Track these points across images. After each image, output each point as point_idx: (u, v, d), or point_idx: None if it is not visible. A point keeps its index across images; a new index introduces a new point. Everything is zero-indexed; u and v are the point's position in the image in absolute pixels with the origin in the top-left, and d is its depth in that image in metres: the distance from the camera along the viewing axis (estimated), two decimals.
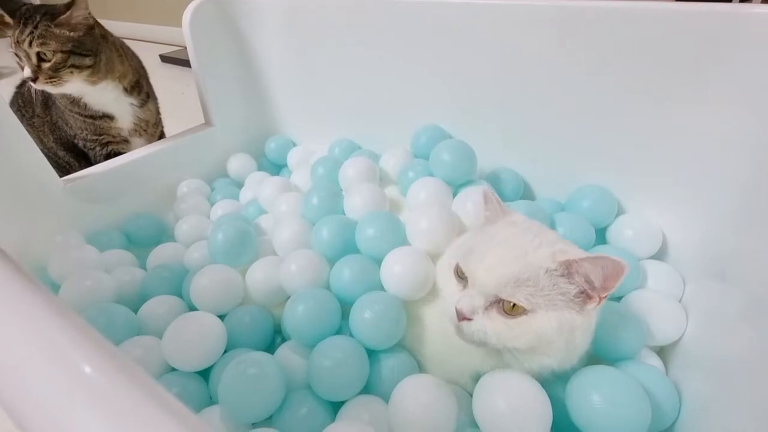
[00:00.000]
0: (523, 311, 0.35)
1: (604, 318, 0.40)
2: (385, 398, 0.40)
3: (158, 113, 0.88)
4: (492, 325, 0.36)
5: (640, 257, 0.53)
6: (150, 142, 0.83)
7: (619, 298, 0.50)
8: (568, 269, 0.36)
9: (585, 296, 0.36)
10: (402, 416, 0.37)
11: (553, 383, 0.40)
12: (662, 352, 0.48)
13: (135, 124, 0.82)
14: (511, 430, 0.34)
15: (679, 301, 0.49)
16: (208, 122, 0.83)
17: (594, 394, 0.36)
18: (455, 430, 0.37)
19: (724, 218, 0.48)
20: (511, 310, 0.36)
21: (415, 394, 0.38)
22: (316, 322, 0.44)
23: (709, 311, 0.45)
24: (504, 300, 0.36)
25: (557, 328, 0.35)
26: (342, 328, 0.47)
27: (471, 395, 0.40)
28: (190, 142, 0.79)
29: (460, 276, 0.39)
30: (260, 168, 0.84)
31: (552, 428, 0.38)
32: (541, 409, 0.35)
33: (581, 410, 0.36)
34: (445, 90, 0.68)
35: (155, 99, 0.87)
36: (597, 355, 0.43)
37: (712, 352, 0.42)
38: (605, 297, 0.36)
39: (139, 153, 0.74)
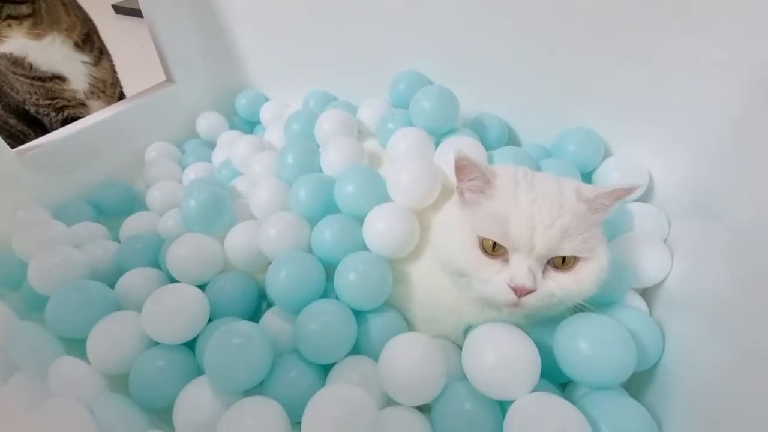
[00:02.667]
0: (576, 259, 0.35)
1: None
2: (375, 358, 0.39)
3: (114, 72, 0.80)
4: (558, 285, 0.34)
5: (627, 200, 0.52)
6: (109, 104, 0.76)
7: None
8: (592, 206, 0.35)
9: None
10: (392, 375, 0.36)
11: (541, 331, 0.40)
12: (646, 292, 0.48)
13: (90, 84, 0.75)
14: (501, 382, 0.34)
15: (665, 241, 0.48)
16: (169, 79, 0.76)
17: (581, 341, 0.35)
18: (446, 384, 0.37)
19: (709, 156, 0.46)
20: (562, 264, 0.35)
21: (405, 352, 0.37)
22: (299, 287, 0.43)
23: (693, 251, 0.45)
24: (554, 256, 0.34)
25: (610, 260, 0.35)
26: (327, 290, 0.45)
27: (461, 348, 0.39)
28: (152, 102, 0.73)
29: (492, 252, 0.35)
30: (232, 126, 0.79)
31: (540, 376, 0.38)
32: (530, 361, 0.35)
33: (569, 358, 0.36)
34: (424, 34, 0.62)
35: (109, 55, 0.79)
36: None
37: (695, 292, 0.42)
38: None
39: (98, 116, 0.68)
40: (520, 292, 0.34)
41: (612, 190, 0.35)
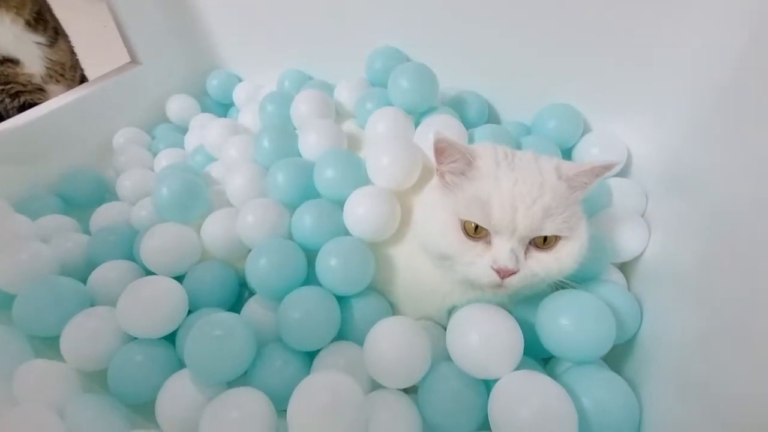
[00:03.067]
0: (557, 238, 0.35)
1: None
2: (360, 343, 0.39)
3: (73, 53, 0.75)
4: (539, 265, 0.34)
5: (606, 176, 0.52)
6: (70, 88, 0.71)
7: None
8: (572, 184, 0.35)
9: None
10: (377, 359, 0.36)
11: (523, 308, 0.41)
12: (624, 266, 0.48)
13: (47, 68, 0.70)
14: (485, 362, 0.34)
15: (642, 216, 0.49)
16: (134, 60, 0.71)
17: (562, 318, 0.36)
18: (431, 366, 0.37)
19: (686, 131, 0.46)
20: (543, 243, 0.34)
21: (389, 337, 0.37)
22: (280, 275, 0.41)
23: (670, 225, 0.45)
24: (536, 237, 0.34)
25: (589, 237, 0.36)
26: (309, 276, 0.44)
27: (446, 329, 0.39)
28: (117, 86, 0.69)
29: (474, 235, 0.35)
30: (204, 109, 0.75)
31: (523, 353, 0.38)
32: (513, 340, 0.35)
33: (551, 334, 0.36)
34: (401, 8, 0.59)
35: (66, 36, 0.73)
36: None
37: (672, 265, 0.42)
38: None
39: (59, 102, 0.63)
40: (504, 273, 0.33)
41: (591, 167, 0.34)
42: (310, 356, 0.41)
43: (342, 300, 0.42)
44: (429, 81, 0.54)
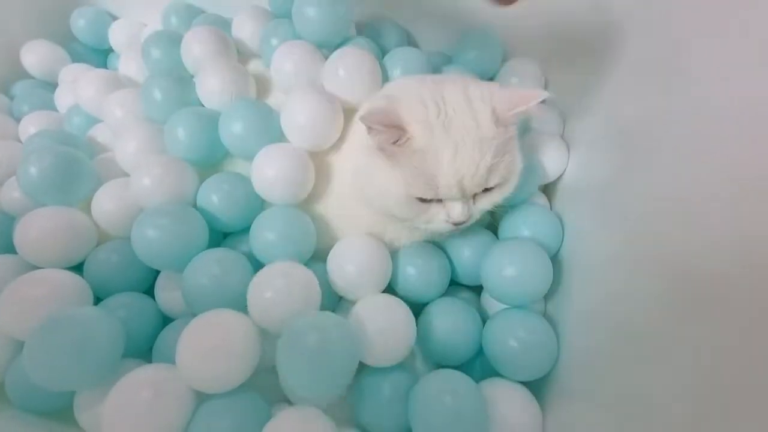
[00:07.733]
0: None
1: None
2: None
3: None
4: (488, 203, 0.35)
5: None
6: None
7: None
8: (507, 123, 0.33)
9: None
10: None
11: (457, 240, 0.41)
12: (547, 187, 0.48)
13: None
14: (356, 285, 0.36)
15: (561, 137, 0.48)
16: None
17: (507, 268, 0.36)
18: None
19: (600, 54, 0.44)
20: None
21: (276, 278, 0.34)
22: (174, 243, 0.35)
23: (585, 144, 0.45)
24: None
25: (521, 162, 0.36)
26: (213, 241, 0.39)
27: None
28: None
29: (427, 200, 0.34)
30: (75, 58, 0.59)
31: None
32: (382, 267, 0.37)
33: (495, 285, 0.37)
34: None
35: None
36: None
37: (587, 183, 0.42)
38: None
39: None
40: (458, 224, 0.34)
41: (526, 106, 0.32)
42: None
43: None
44: (340, 8, 0.45)
